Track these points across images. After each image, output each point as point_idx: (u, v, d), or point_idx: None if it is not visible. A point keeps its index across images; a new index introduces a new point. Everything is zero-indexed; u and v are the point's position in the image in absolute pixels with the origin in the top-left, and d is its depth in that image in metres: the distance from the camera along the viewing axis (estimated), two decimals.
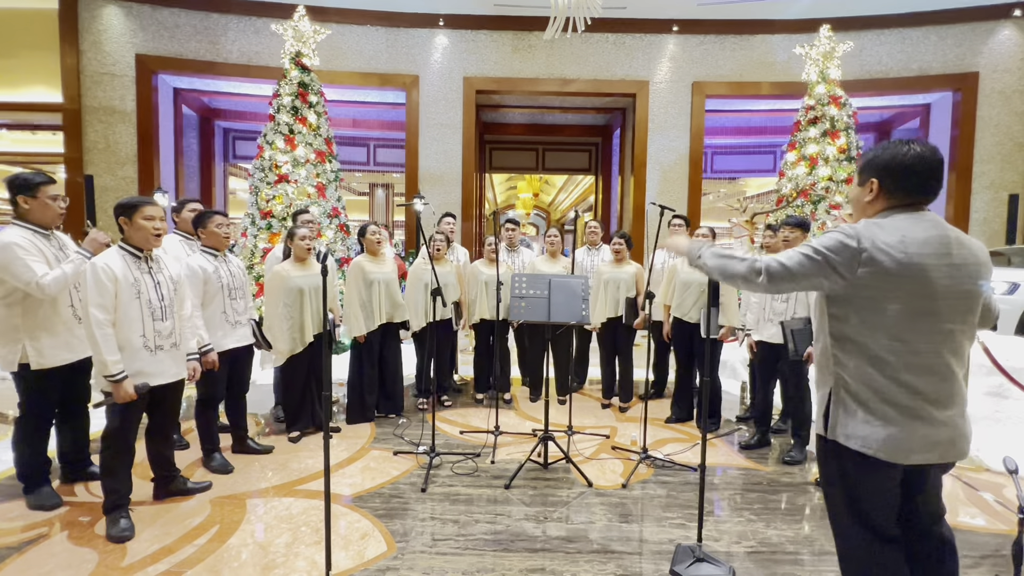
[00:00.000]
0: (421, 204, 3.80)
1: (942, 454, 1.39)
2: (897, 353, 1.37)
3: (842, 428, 1.44)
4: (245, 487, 2.94)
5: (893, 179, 1.45)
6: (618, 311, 4.19)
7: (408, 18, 7.87)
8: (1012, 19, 7.63)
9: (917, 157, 1.42)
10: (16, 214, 2.54)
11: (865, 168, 1.52)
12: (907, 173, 1.43)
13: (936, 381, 1.38)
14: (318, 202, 6.27)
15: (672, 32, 7.98)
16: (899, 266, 1.35)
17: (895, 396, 1.38)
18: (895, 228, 1.40)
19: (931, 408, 1.37)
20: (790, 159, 6.91)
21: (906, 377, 1.37)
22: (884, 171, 1.46)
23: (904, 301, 1.36)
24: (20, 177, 2.51)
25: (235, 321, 3.19)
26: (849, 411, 1.44)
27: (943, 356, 1.38)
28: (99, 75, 7.47)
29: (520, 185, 15.90)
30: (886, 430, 1.38)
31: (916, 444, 1.37)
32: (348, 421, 3.98)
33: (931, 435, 1.38)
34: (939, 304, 1.36)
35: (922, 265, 1.35)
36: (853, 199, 1.59)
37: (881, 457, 1.39)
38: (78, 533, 2.44)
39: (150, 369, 2.45)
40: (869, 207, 1.51)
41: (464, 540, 2.45)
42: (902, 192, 1.45)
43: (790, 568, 2.27)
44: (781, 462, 3.39)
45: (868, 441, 1.40)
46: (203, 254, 3.12)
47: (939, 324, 1.37)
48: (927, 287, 1.35)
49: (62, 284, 2.47)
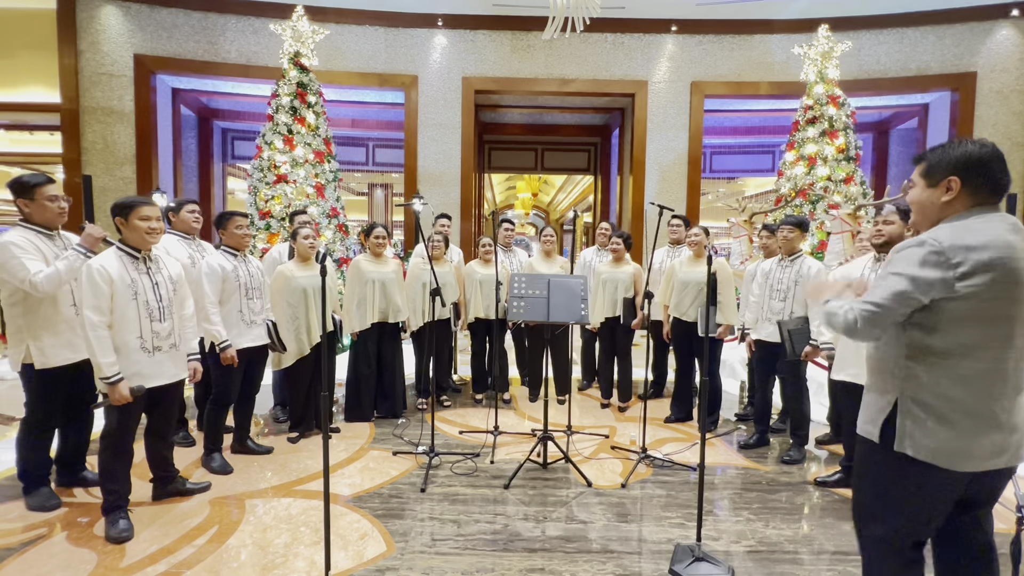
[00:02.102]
0: (420, 204, 3.80)
1: (1009, 459, 1.37)
2: (978, 360, 1.33)
3: (911, 439, 1.39)
4: (244, 488, 2.93)
5: (973, 174, 1.37)
6: (616, 311, 4.19)
7: (407, 18, 7.87)
8: (1010, 19, 7.64)
9: (990, 150, 1.37)
10: (22, 216, 2.61)
11: (937, 167, 1.42)
12: (985, 167, 1.36)
13: (1012, 387, 1.35)
14: (317, 202, 6.26)
15: (671, 32, 7.98)
16: (994, 271, 1.28)
17: (970, 404, 1.34)
18: (982, 231, 1.32)
19: (1004, 414, 1.34)
20: (789, 159, 6.92)
21: (985, 384, 1.33)
22: (963, 167, 1.37)
23: (996, 306, 1.30)
24: (18, 180, 2.56)
25: (251, 321, 3.20)
26: (919, 421, 1.38)
27: (1013, 363, 1.34)
28: (97, 75, 7.46)
29: (519, 185, 15.90)
30: (958, 438, 1.34)
31: (986, 450, 1.34)
32: (346, 419, 3.98)
33: (1001, 440, 1.35)
34: (1023, 309, 1.31)
35: (1015, 268, 1.29)
36: (923, 203, 1.47)
37: (950, 467, 1.35)
38: (77, 534, 2.44)
39: (147, 371, 2.44)
40: (947, 208, 1.41)
41: (463, 540, 2.45)
42: (986, 189, 1.37)
43: (789, 567, 2.28)
44: (780, 461, 3.40)
45: (938, 452, 1.35)
46: (223, 253, 3.16)
47: (1018, 329, 1.32)
48: (1019, 291, 1.30)
49: (55, 281, 2.45)
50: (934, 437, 1.36)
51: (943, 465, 1.36)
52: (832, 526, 2.62)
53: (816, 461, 3.48)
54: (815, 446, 3.70)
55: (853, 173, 6.55)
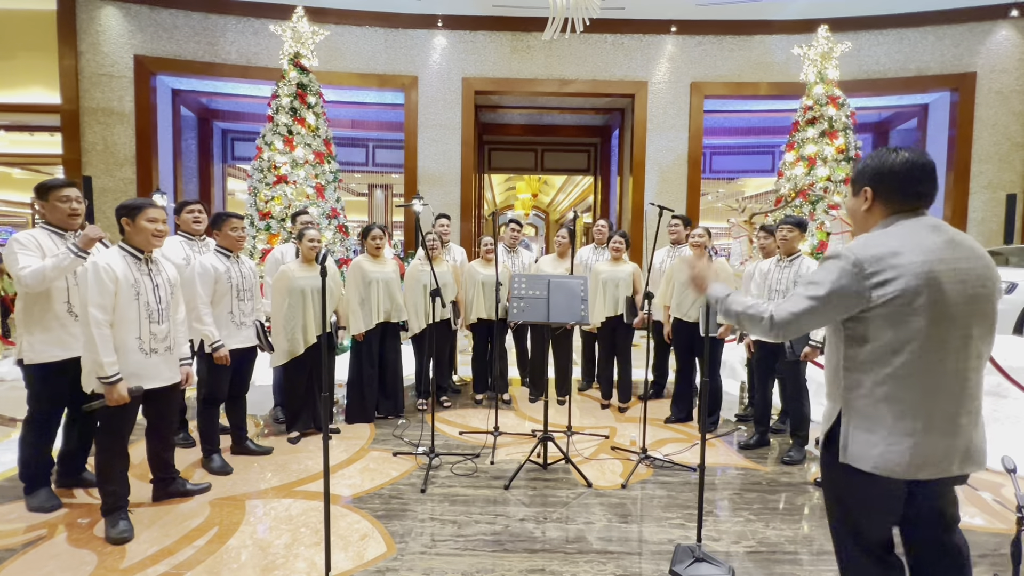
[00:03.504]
0: (420, 205, 3.81)
1: (960, 466, 1.35)
2: (915, 367, 1.32)
3: (854, 448, 1.39)
4: (244, 488, 2.93)
5: (886, 185, 1.41)
6: (617, 310, 4.19)
7: (407, 19, 7.88)
8: (1009, 19, 7.65)
9: (907, 161, 1.39)
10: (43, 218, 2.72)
11: (857, 178, 1.49)
12: (899, 178, 1.40)
13: (955, 392, 1.33)
14: (317, 203, 6.27)
15: (670, 32, 7.99)
16: (911, 279, 1.29)
17: (914, 411, 1.33)
18: (897, 237, 1.34)
19: (947, 421, 1.33)
20: (788, 159, 6.93)
21: (925, 391, 1.32)
22: (876, 178, 1.43)
23: (922, 313, 1.30)
24: (41, 184, 2.68)
25: (240, 322, 3.21)
26: (860, 431, 1.38)
27: (961, 364, 1.33)
28: (97, 76, 7.47)
29: (519, 186, 15.90)
30: (900, 447, 1.33)
31: (932, 458, 1.33)
32: (347, 420, 3.98)
33: (948, 448, 1.33)
34: (954, 311, 1.31)
35: (932, 272, 1.30)
36: (850, 211, 1.54)
37: (895, 476, 1.34)
38: (77, 535, 2.44)
39: (144, 372, 2.44)
40: (867, 217, 1.47)
41: (463, 541, 2.45)
42: (898, 198, 1.41)
43: (789, 568, 2.28)
44: (780, 462, 3.40)
45: (881, 461, 1.34)
46: (216, 254, 3.17)
47: (956, 331, 1.32)
48: (941, 294, 1.30)
49: (39, 277, 2.45)
50: (875, 448, 1.35)
51: (886, 475, 1.34)
52: None
53: (816, 461, 3.47)
54: (815, 446, 3.69)
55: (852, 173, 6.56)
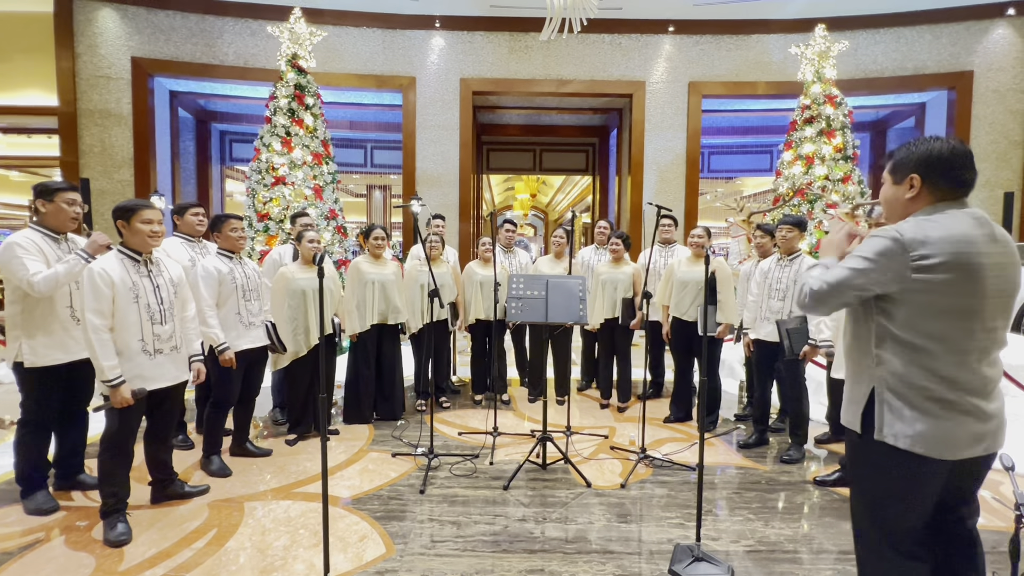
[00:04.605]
0: (418, 205, 3.81)
1: (988, 446, 1.39)
2: (942, 351, 1.36)
3: (889, 428, 1.41)
4: (243, 490, 2.93)
5: (935, 172, 1.41)
6: (615, 311, 4.19)
7: (404, 20, 7.88)
8: (1006, 18, 7.67)
9: (952, 148, 1.41)
10: (36, 219, 2.66)
11: (900, 165, 1.47)
12: (947, 165, 1.40)
13: (981, 376, 1.37)
14: (315, 204, 6.26)
15: (668, 32, 7.99)
16: (952, 265, 1.32)
17: (943, 393, 1.36)
18: (944, 225, 1.36)
19: (977, 402, 1.37)
20: (786, 158, 6.93)
21: (951, 373, 1.36)
22: (924, 165, 1.42)
23: (955, 299, 1.33)
24: (43, 184, 2.66)
25: (249, 323, 3.21)
26: (895, 410, 1.41)
27: (988, 353, 1.38)
28: (95, 78, 7.46)
29: (518, 186, 15.89)
30: (935, 427, 1.36)
31: (964, 439, 1.36)
32: (345, 421, 3.97)
33: (978, 429, 1.37)
34: (985, 303, 1.35)
35: (974, 263, 1.32)
36: (890, 199, 1.52)
37: (932, 455, 1.36)
38: (75, 538, 2.43)
39: (148, 373, 2.44)
40: (911, 204, 1.46)
41: (463, 541, 2.44)
42: (947, 185, 1.41)
43: (788, 567, 2.27)
44: (779, 461, 3.39)
45: (917, 439, 1.37)
46: (219, 256, 3.17)
47: (984, 322, 1.36)
48: (978, 285, 1.33)
49: (52, 283, 2.48)
50: (912, 425, 1.38)
51: (924, 453, 1.37)
52: (832, 525, 2.62)
53: (815, 460, 3.48)
54: (814, 445, 3.70)
55: (851, 172, 6.57)
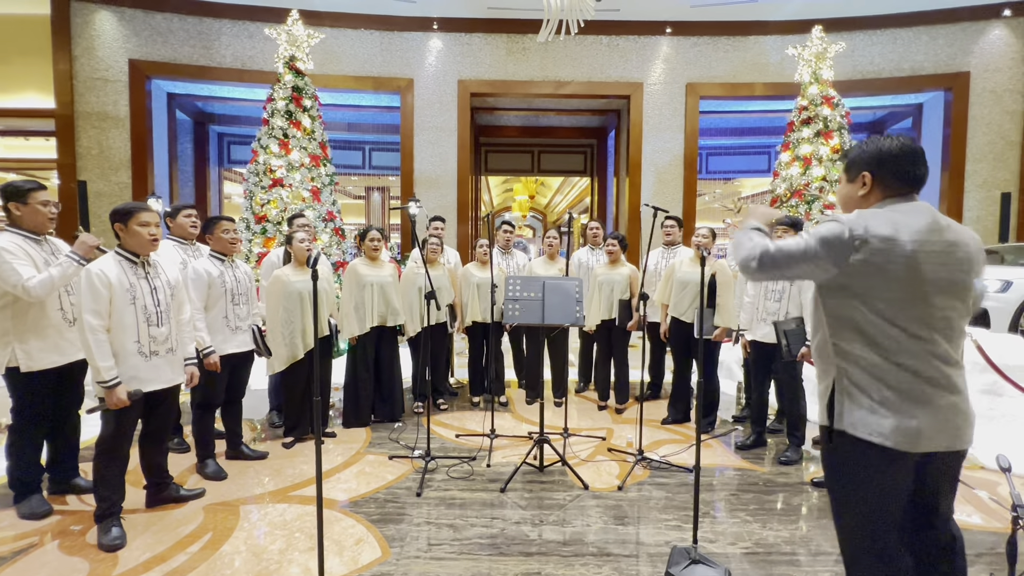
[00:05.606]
0: (416, 207, 3.81)
1: (949, 441, 1.39)
2: (895, 339, 1.38)
3: (848, 416, 1.43)
4: (239, 494, 2.91)
5: (884, 169, 1.47)
6: (612, 313, 4.18)
7: (402, 21, 7.88)
8: (1002, 19, 7.69)
9: (901, 145, 1.46)
10: (9, 221, 2.61)
11: (853, 164, 1.53)
12: (896, 161, 1.46)
13: (937, 366, 1.38)
14: (313, 206, 6.25)
15: (665, 34, 8.01)
16: (892, 253, 1.36)
17: (899, 382, 1.38)
18: (889, 216, 1.41)
19: (934, 392, 1.37)
20: (784, 159, 6.94)
21: (907, 362, 1.37)
22: (875, 162, 1.48)
23: (897, 288, 1.37)
24: (11, 185, 2.59)
25: (236, 327, 3.19)
26: (854, 399, 1.43)
27: (940, 342, 1.39)
28: (92, 80, 7.45)
29: (516, 187, 15.91)
30: (894, 417, 1.37)
31: (924, 430, 1.36)
32: (344, 425, 3.96)
33: (937, 421, 1.37)
34: (929, 290, 1.37)
35: (914, 252, 1.36)
36: (844, 197, 1.58)
37: (889, 445, 1.37)
38: (69, 542, 2.42)
39: (145, 375, 2.44)
40: (863, 201, 1.52)
41: (460, 544, 2.43)
42: (895, 181, 1.47)
43: (786, 568, 2.27)
44: (777, 462, 3.39)
45: (875, 429, 1.38)
46: (210, 258, 3.16)
47: (932, 311, 1.38)
48: (919, 274, 1.36)
49: (48, 287, 2.47)
50: (870, 415, 1.40)
51: (883, 443, 1.38)
52: (829, 527, 2.60)
53: (813, 461, 3.47)
54: (812, 446, 3.69)
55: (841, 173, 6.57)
